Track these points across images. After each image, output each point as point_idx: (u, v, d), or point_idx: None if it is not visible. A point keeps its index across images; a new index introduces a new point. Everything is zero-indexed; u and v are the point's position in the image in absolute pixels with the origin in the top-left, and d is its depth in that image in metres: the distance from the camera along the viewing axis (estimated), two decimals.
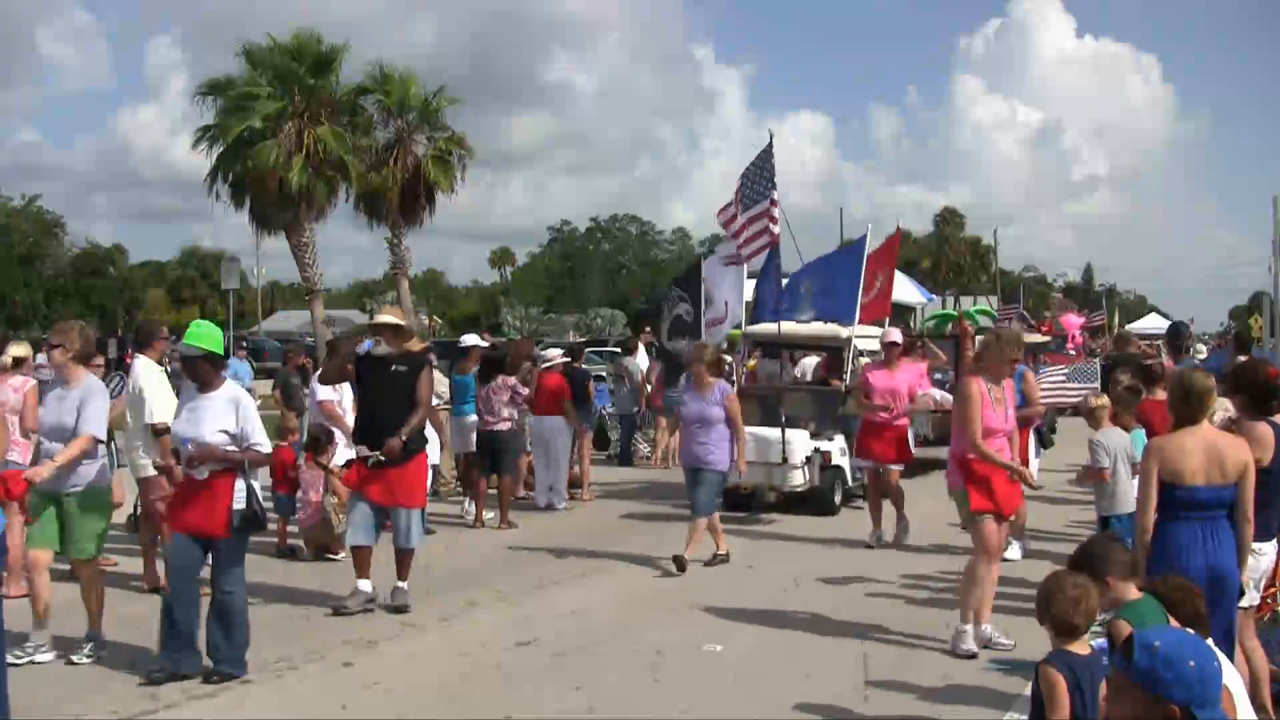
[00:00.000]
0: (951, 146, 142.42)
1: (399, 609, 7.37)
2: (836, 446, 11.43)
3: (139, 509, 8.92)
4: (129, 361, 8.38)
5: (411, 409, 7.53)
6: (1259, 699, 5.05)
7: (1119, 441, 6.95)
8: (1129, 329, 29.51)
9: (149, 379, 7.96)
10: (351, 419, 10.24)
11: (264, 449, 6.07)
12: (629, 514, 11.52)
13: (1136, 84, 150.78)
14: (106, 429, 8.75)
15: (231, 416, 5.95)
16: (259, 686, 5.89)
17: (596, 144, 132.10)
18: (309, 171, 24.84)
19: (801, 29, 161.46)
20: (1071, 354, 20.82)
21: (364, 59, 34.03)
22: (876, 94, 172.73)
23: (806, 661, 6.35)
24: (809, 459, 11.10)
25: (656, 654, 6.46)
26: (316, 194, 25.46)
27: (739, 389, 13.16)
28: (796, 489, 11.13)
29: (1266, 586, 5.37)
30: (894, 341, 10.35)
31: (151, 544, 8.15)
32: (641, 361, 16.09)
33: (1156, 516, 4.86)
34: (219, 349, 6.07)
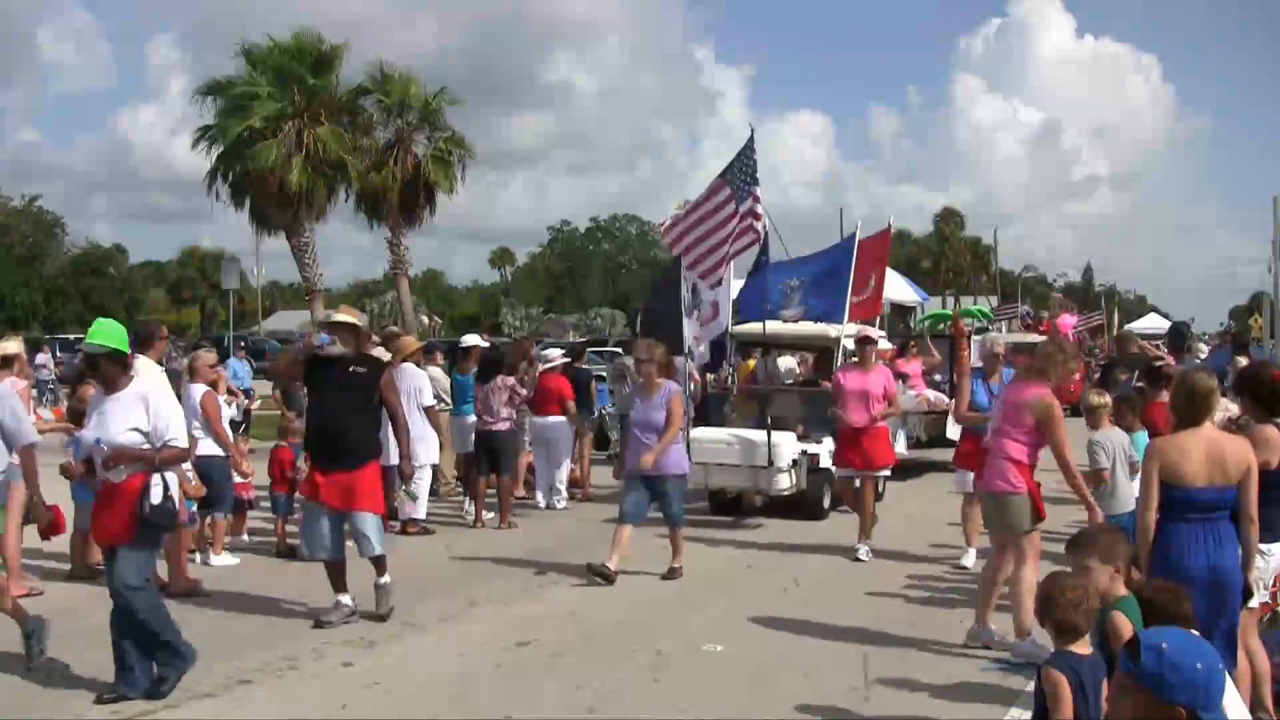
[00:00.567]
0: (951, 146, 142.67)
1: (380, 618, 7.09)
2: (825, 449, 10.98)
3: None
4: (128, 362, 8.36)
5: (392, 420, 7.34)
6: (1261, 699, 5.05)
7: (1118, 441, 6.94)
8: (1129, 329, 29.52)
9: (149, 379, 7.95)
10: None
11: (180, 444, 5.73)
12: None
13: (1136, 84, 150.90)
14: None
15: (142, 414, 5.62)
16: (259, 687, 5.88)
17: (596, 144, 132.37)
18: (309, 171, 24.85)
19: (801, 29, 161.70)
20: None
21: (364, 59, 34.02)
22: (876, 94, 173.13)
23: (806, 661, 6.34)
24: (796, 462, 10.76)
25: (656, 654, 6.46)
26: (316, 194, 25.46)
27: (739, 390, 13.11)
28: (783, 493, 10.83)
29: (1272, 586, 5.36)
30: (867, 339, 9.86)
31: None
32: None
33: (1158, 517, 4.85)
34: (123, 346, 5.79)
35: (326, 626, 6.93)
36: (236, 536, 9.57)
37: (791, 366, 15.80)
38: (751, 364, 15.19)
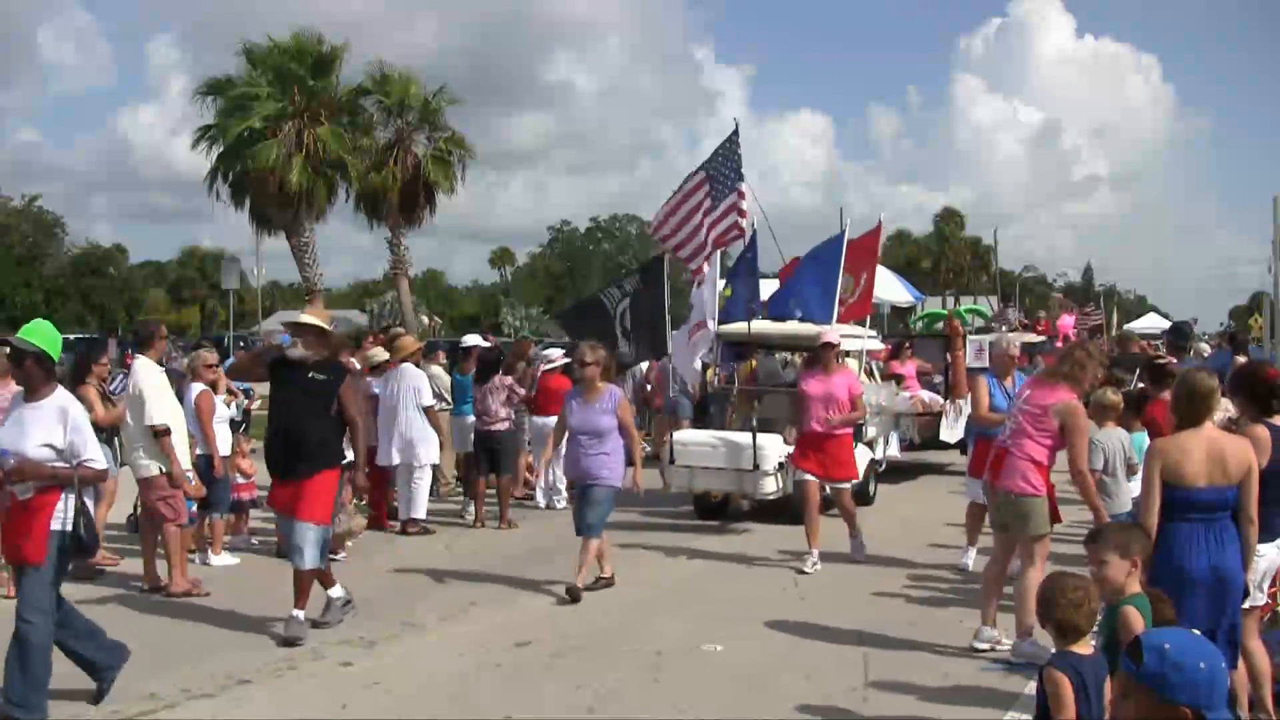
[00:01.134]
0: (951, 146, 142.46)
1: (289, 641, 6.60)
2: None
3: (139, 509, 8.93)
4: (129, 362, 8.37)
5: (350, 430, 6.95)
6: (1261, 699, 5.05)
7: (1117, 442, 6.94)
8: (1129, 328, 29.49)
9: (149, 380, 7.97)
10: None
11: (97, 465, 5.28)
12: (629, 514, 11.49)
13: (1136, 84, 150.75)
14: (107, 429, 8.81)
15: (59, 428, 5.21)
16: (259, 687, 5.88)
17: (596, 144, 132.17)
18: (309, 171, 24.87)
19: (801, 29, 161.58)
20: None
21: (364, 59, 33.95)
22: (876, 94, 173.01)
23: (807, 662, 6.34)
24: (782, 465, 10.22)
25: (656, 654, 6.45)
26: (316, 194, 25.48)
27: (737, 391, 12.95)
28: (768, 497, 10.45)
29: (1271, 586, 5.36)
30: (829, 343, 9.35)
31: (152, 544, 8.16)
32: (641, 363, 16.08)
33: (1160, 518, 4.85)
34: (54, 351, 5.40)
35: (323, 627, 6.84)
36: (237, 536, 9.57)
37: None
38: (753, 364, 15.17)
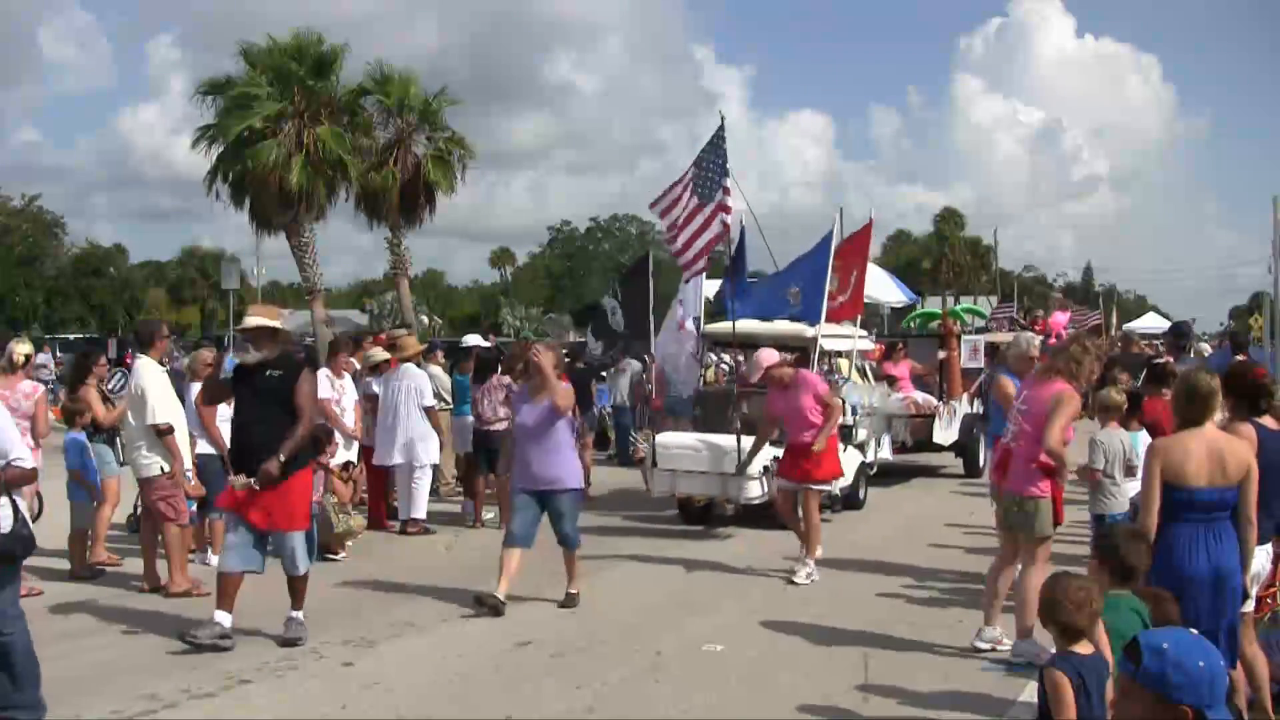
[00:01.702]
0: (951, 146, 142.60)
1: (289, 642, 6.56)
2: None
3: (139, 509, 8.93)
4: (129, 361, 8.38)
5: (294, 419, 6.66)
6: (1260, 701, 5.05)
7: (1118, 442, 6.94)
8: (1128, 328, 29.51)
9: (150, 379, 7.97)
10: (350, 419, 10.27)
11: (25, 464, 5.05)
12: (629, 514, 11.50)
13: (1136, 84, 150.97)
14: (108, 429, 8.82)
15: None
16: (259, 686, 5.89)
17: (596, 144, 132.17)
18: (309, 171, 24.82)
19: (801, 29, 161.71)
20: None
21: (364, 59, 33.94)
22: (876, 94, 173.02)
23: (807, 662, 6.34)
24: (767, 469, 9.81)
25: (656, 654, 6.46)
26: (316, 194, 25.42)
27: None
28: (753, 501, 10.10)
29: (1266, 587, 5.36)
30: (769, 367, 8.92)
31: (152, 544, 8.16)
32: (624, 361, 16.11)
33: (1159, 518, 4.85)
34: None
35: (190, 641, 6.40)
36: None
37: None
38: None
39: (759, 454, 9.78)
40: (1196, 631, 2.81)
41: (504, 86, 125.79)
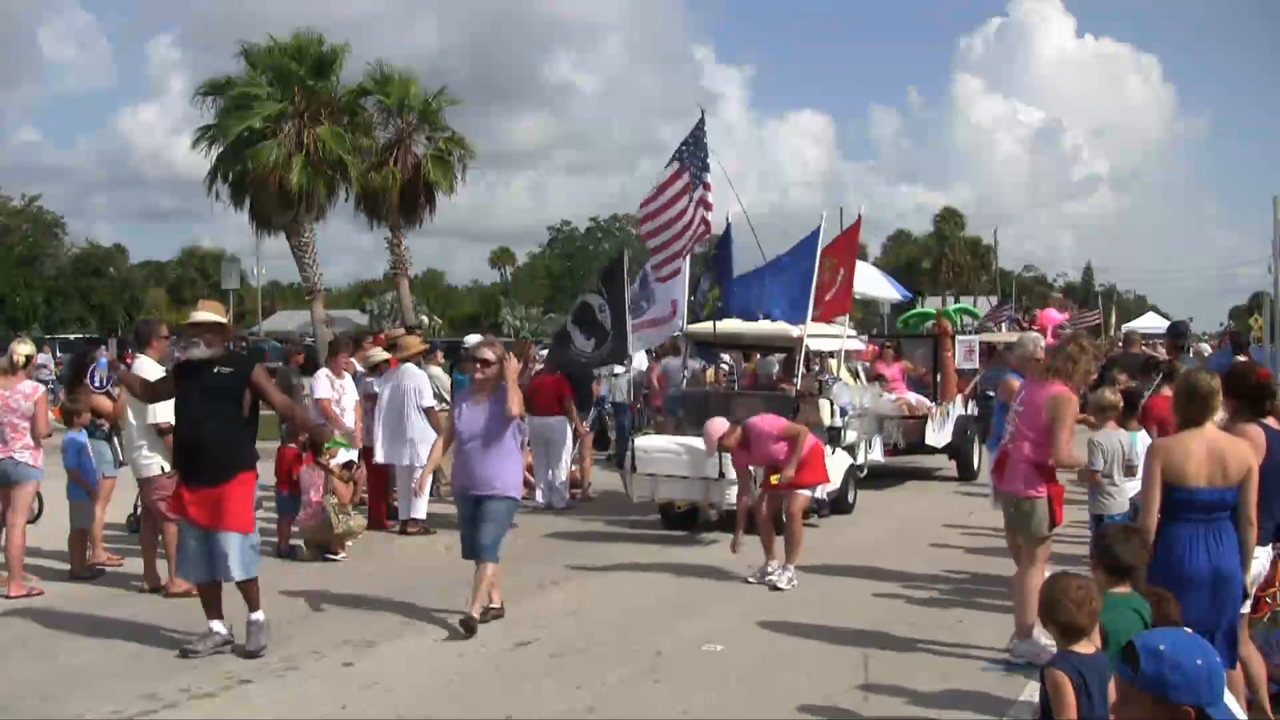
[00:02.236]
0: (951, 146, 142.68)
1: (250, 654, 6.34)
2: None
3: (139, 508, 8.93)
4: (129, 361, 8.37)
5: (243, 417, 6.48)
6: (1259, 702, 5.05)
7: (1117, 442, 6.94)
8: (1129, 328, 29.45)
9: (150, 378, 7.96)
10: (350, 419, 10.27)
11: None
12: (629, 514, 11.50)
13: (1136, 84, 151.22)
14: (108, 428, 8.82)
15: None
16: (259, 686, 5.88)
17: (596, 144, 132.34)
18: (309, 171, 24.82)
19: (801, 29, 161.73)
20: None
21: (364, 59, 34.00)
22: (876, 94, 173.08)
23: (807, 662, 6.34)
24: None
25: (656, 654, 6.45)
26: (316, 194, 25.42)
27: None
28: (735, 507, 9.42)
29: (1265, 587, 5.36)
30: (719, 439, 8.66)
31: (152, 544, 8.16)
32: (640, 362, 16.09)
33: (1159, 519, 4.85)
34: None
35: (192, 656, 6.31)
36: None
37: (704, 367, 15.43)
38: (753, 365, 15.13)
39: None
40: (1191, 631, 2.81)
41: (504, 86, 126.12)
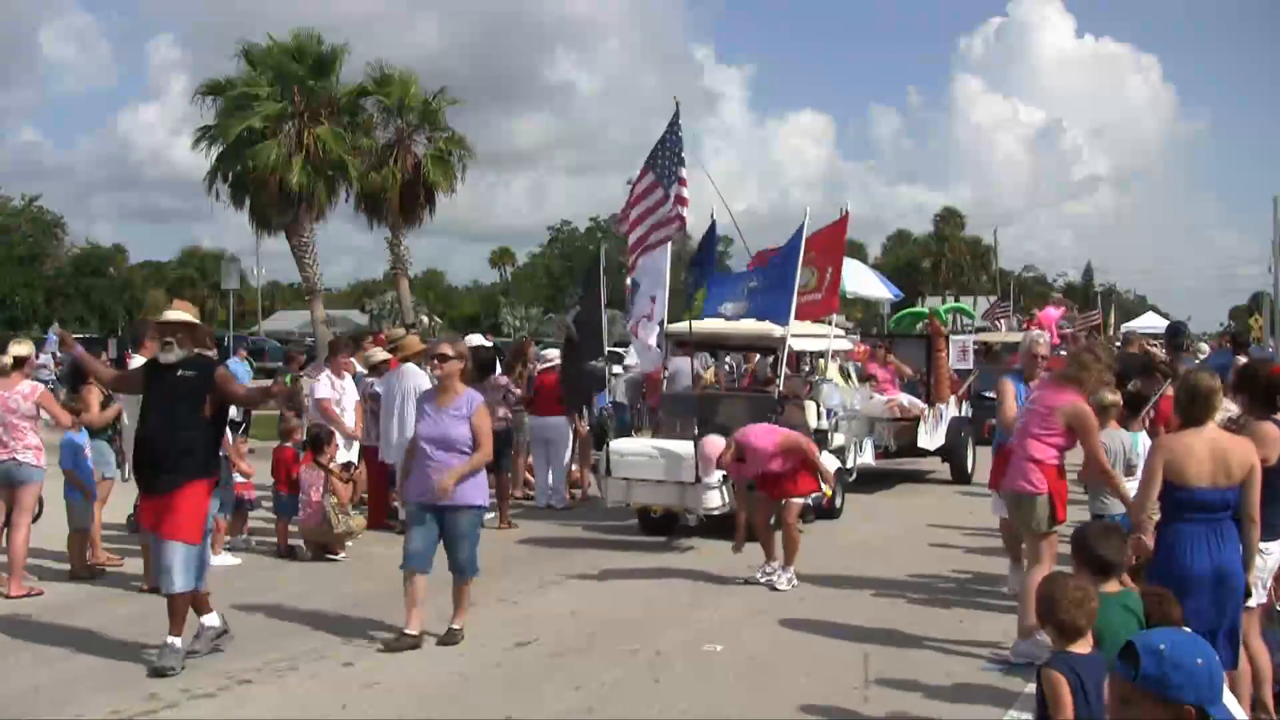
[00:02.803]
0: (951, 146, 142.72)
1: (159, 671, 5.97)
2: None
3: (138, 509, 8.92)
4: (128, 361, 8.38)
5: (204, 420, 6.32)
6: (1262, 699, 5.05)
7: (1118, 443, 6.94)
8: (1127, 328, 29.49)
9: None
10: (351, 419, 10.27)
11: None
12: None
13: (1136, 84, 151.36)
14: (108, 429, 8.81)
15: None
16: (259, 686, 5.88)
17: (597, 144, 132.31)
18: (309, 171, 24.83)
19: (801, 29, 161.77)
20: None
21: (364, 59, 33.94)
22: (876, 94, 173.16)
23: (807, 661, 6.34)
24: (727, 477, 9.16)
25: (656, 654, 6.46)
26: (316, 194, 25.43)
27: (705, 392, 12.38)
28: (713, 512, 9.51)
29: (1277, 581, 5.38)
30: (715, 460, 8.58)
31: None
32: (635, 360, 16.07)
33: (1161, 518, 4.85)
34: None
35: (192, 655, 6.22)
36: (237, 536, 9.57)
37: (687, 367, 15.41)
38: (753, 366, 15.14)
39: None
40: (1190, 630, 2.81)
41: (504, 86, 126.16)
